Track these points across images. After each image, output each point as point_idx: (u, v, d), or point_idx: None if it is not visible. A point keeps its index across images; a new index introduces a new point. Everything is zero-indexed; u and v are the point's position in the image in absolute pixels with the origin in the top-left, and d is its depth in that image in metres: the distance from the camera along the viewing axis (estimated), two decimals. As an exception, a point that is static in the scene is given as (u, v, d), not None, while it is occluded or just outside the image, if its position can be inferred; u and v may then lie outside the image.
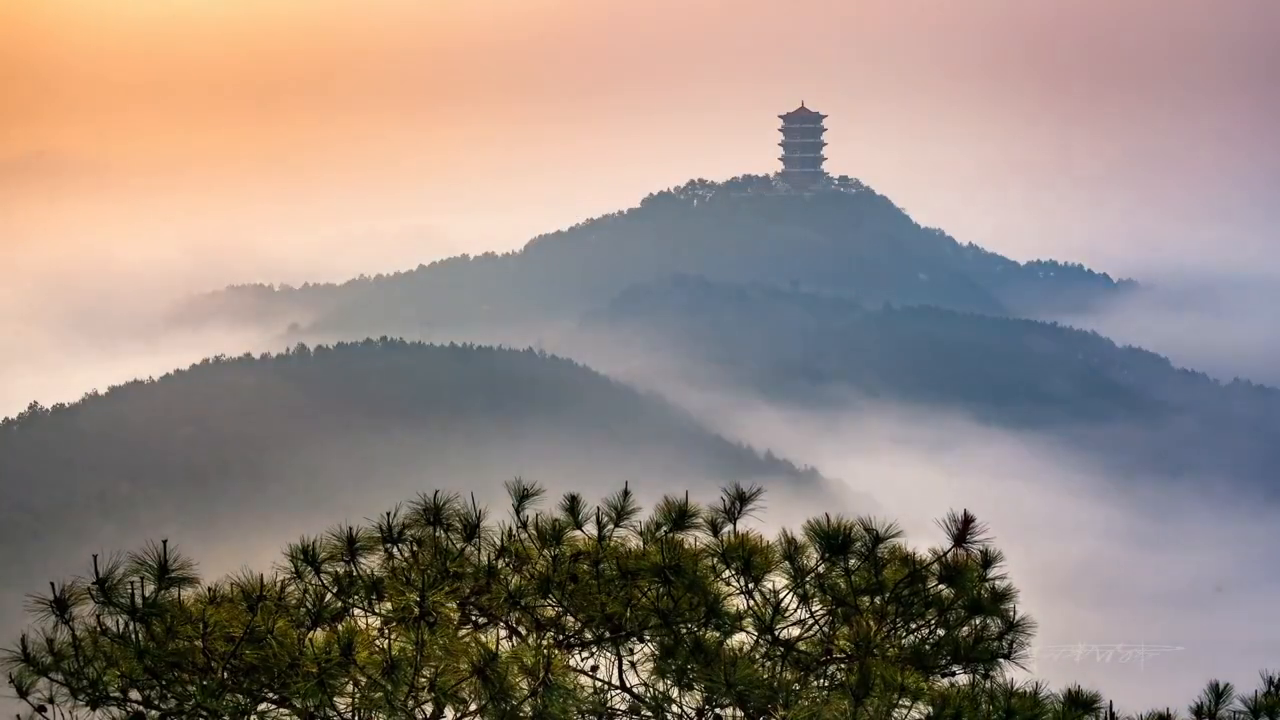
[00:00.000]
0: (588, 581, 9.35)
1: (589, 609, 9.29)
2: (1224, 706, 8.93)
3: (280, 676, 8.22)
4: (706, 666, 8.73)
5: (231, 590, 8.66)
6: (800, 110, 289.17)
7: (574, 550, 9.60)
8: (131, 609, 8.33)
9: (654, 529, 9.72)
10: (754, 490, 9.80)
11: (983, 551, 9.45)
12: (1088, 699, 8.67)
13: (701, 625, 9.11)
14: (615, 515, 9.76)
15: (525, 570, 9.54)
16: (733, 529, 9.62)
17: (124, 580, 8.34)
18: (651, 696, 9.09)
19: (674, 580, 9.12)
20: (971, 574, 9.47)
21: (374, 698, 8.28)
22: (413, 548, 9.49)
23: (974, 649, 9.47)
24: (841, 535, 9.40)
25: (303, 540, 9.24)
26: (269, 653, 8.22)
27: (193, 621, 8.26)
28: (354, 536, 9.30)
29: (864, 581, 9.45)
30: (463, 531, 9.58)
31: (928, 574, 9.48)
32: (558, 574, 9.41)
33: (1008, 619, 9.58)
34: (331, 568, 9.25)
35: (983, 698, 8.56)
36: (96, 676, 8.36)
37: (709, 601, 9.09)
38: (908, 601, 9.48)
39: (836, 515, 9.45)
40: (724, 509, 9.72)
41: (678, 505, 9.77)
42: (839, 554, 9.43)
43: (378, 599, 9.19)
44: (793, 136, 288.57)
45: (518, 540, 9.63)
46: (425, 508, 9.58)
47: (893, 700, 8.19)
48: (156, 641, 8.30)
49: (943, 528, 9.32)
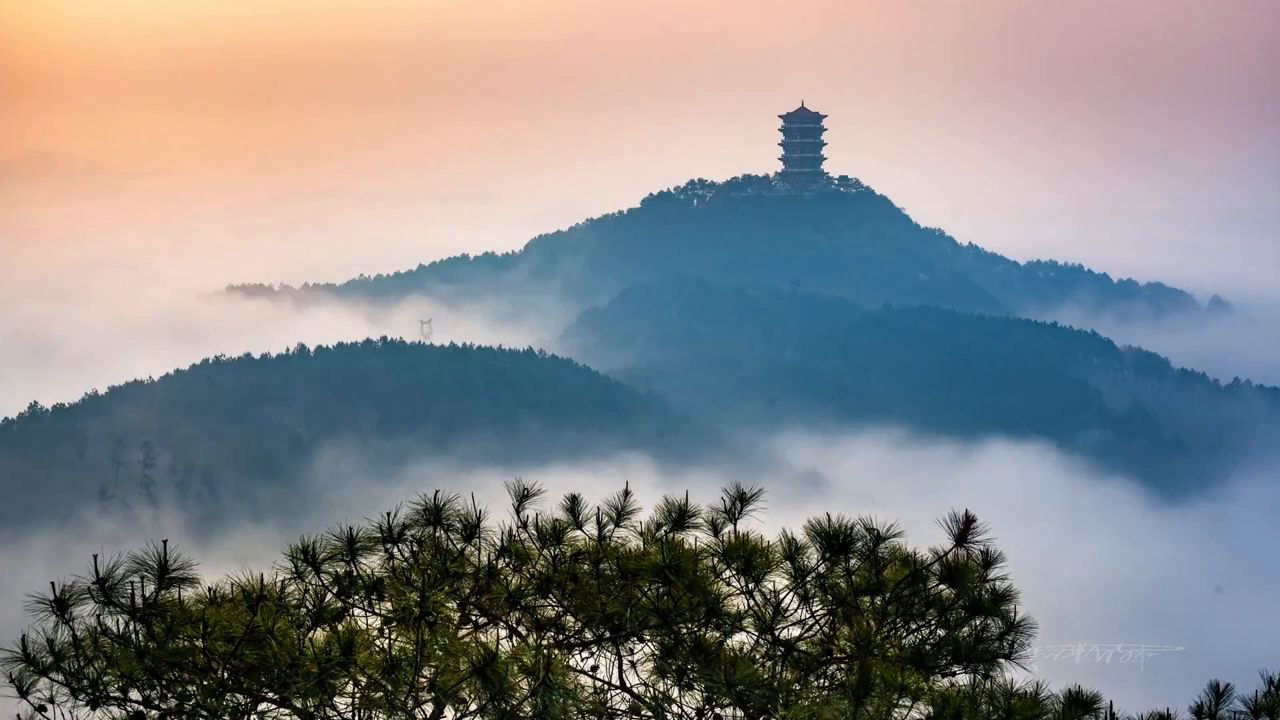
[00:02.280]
0: (588, 581, 9.36)
1: (589, 609, 9.29)
2: (1224, 706, 8.92)
3: (280, 676, 8.22)
4: (706, 666, 8.74)
5: (231, 590, 8.66)
6: (800, 110, 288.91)
7: (574, 550, 9.60)
8: (131, 609, 8.33)
9: (654, 529, 9.72)
10: (754, 490, 9.80)
11: (983, 552, 9.45)
12: (1088, 699, 8.67)
13: (701, 625, 9.11)
14: (615, 515, 9.76)
15: (525, 570, 9.54)
16: (733, 529, 9.62)
17: (124, 580, 8.34)
18: (651, 696, 9.09)
19: (674, 580, 9.12)
20: (972, 574, 9.47)
21: (374, 698, 8.28)
22: (413, 548, 9.49)
23: (974, 649, 9.47)
24: (842, 535, 9.40)
25: (303, 540, 9.23)
26: (269, 653, 8.22)
27: (193, 621, 8.25)
28: (354, 536, 9.30)
29: (864, 581, 9.45)
30: (463, 531, 9.58)
31: (928, 574, 9.48)
32: (558, 574, 9.41)
33: (1008, 619, 9.58)
34: (331, 568, 9.24)
35: (983, 698, 8.55)
36: (96, 676, 8.36)
37: (709, 601, 9.09)
38: (908, 601, 9.48)
39: (837, 515, 9.45)
40: (724, 509, 9.72)
41: (678, 505, 9.77)
42: (839, 554, 9.44)
43: (378, 599, 9.19)
44: (793, 136, 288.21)
45: (518, 540, 9.63)
46: (425, 508, 9.57)
47: (893, 700, 8.18)
48: (156, 641, 8.30)
49: (943, 528, 9.32)
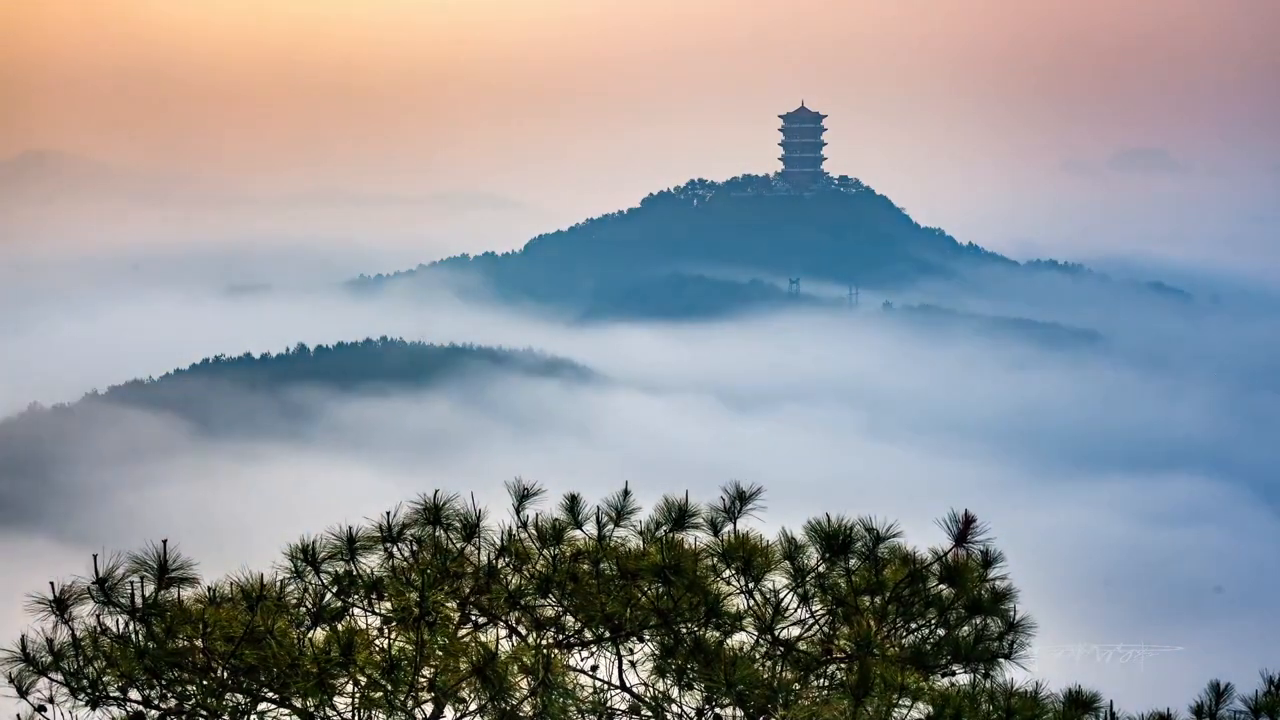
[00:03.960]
0: (588, 581, 9.35)
1: (589, 609, 9.29)
2: (1224, 706, 8.92)
3: (280, 676, 8.22)
4: (706, 666, 8.73)
5: (231, 590, 8.65)
6: (800, 110, 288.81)
7: (574, 550, 9.59)
8: (131, 609, 8.33)
9: (654, 528, 9.71)
10: (754, 489, 9.79)
11: (983, 551, 9.45)
12: (1088, 699, 8.67)
13: (701, 625, 9.10)
14: (615, 515, 9.75)
15: (525, 570, 9.53)
16: (733, 528, 9.61)
17: (124, 580, 8.35)
18: (651, 696, 9.09)
19: (674, 580, 9.11)
20: (972, 574, 9.47)
21: (374, 698, 8.28)
22: (413, 547, 9.48)
23: (974, 649, 9.46)
24: (842, 535, 9.40)
25: (302, 539, 9.23)
26: (269, 653, 8.22)
27: (193, 621, 8.26)
28: (354, 536, 9.30)
29: (864, 581, 9.44)
30: (463, 531, 9.57)
31: (928, 574, 9.47)
32: (558, 574, 9.40)
33: (1008, 619, 9.57)
34: (331, 567, 9.24)
35: (983, 698, 8.55)
36: (96, 676, 8.36)
37: (709, 601, 9.08)
38: (908, 601, 9.48)
39: (837, 515, 9.45)
40: (724, 508, 9.71)
41: (678, 505, 9.76)
42: (839, 554, 9.43)
43: (378, 599, 9.19)
44: (793, 136, 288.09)
45: (518, 540, 9.62)
46: (425, 507, 9.57)
47: (893, 700, 8.19)
48: (156, 641, 8.30)
49: (943, 527, 9.31)
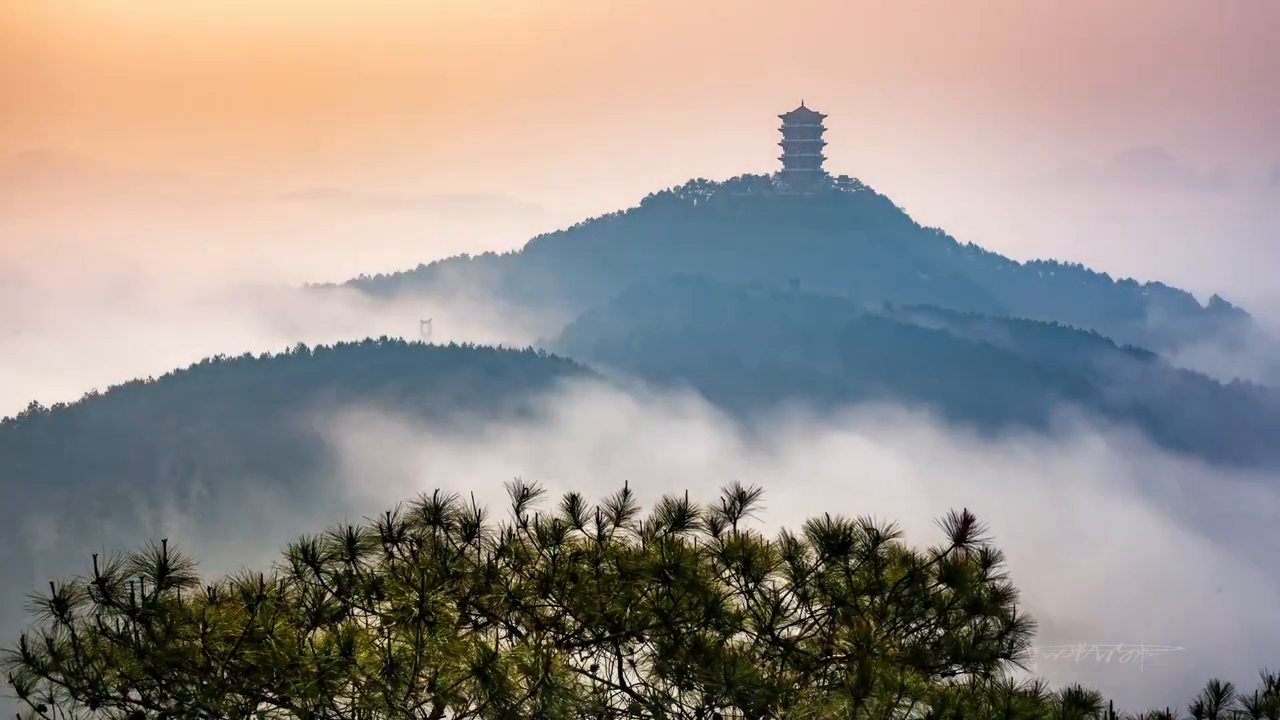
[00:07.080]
0: (588, 581, 9.34)
1: (589, 609, 9.28)
2: (1224, 706, 8.91)
3: (280, 676, 8.22)
4: (706, 666, 8.73)
5: (231, 590, 8.65)
6: (800, 110, 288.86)
7: (574, 550, 9.59)
8: (131, 609, 8.33)
9: (654, 529, 9.71)
10: (754, 490, 9.78)
11: (982, 551, 9.45)
12: (1088, 699, 8.67)
13: (701, 625, 9.10)
14: (615, 515, 9.75)
15: (525, 570, 9.53)
16: (733, 529, 9.61)
17: (124, 580, 8.35)
18: (651, 696, 9.08)
19: (674, 580, 9.11)
20: (971, 574, 9.47)
21: (374, 698, 8.28)
22: (413, 547, 9.48)
23: (974, 649, 9.47)
24: (842, 535, 9.40)
25: (302, 540, 9.23)
26: (269, 653, 8.22)
27: (193, 621, 8.26)
28: (354, 536, 9.29)
29: (864, 581, 9.45)
30: (462, 531, 9.57)
31: (928, 574, 9.47)
32: (558, 574, 9.40)
33: (1008, 618, 9.57)
34: (331, 567, 9.24)
35: (983, 697, 8.55)
36: (96, 676, 8.36)
37: (709, 601, 9.08)
38: (908, 601, 9.48)
39: (837, 515, 9.44)
40: (724, 509, 9.71)
41: (677, 505, 9.76)
42: (839, 554, 9.43)
43: (378, 599, 9.18)
44: (793, 136, 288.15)
45: (518, 540, 9.62)
46: (425, 507, 9.56)
47: (893, 700, 8.18)
48: (156, 641, 8.30)
49: (942, 527, 9.31)
